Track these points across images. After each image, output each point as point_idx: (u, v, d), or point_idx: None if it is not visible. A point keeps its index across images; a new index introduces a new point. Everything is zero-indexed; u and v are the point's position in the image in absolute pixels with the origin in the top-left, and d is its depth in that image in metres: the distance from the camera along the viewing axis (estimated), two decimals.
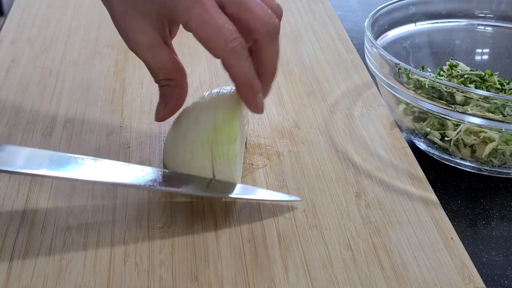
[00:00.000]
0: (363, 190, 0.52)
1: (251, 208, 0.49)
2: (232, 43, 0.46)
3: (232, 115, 0.49)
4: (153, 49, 0.49)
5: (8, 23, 0.78)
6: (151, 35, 0.49)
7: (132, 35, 0.49)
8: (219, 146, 0.48)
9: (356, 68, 0.70)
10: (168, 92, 0.50)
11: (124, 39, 0.50)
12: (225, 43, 0.45)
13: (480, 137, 0.55)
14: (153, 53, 0.49)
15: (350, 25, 0.85)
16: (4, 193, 0.50)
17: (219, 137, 0.48)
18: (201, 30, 0.46)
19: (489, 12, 0.69)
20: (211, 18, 0.45)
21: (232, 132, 0.49)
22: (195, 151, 0.49)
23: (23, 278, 0.43)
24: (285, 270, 0.44)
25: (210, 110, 0.50)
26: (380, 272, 0.44)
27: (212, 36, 0.45)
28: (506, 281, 0.47)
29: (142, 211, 0.49)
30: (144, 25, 0.48)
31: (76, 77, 0.66)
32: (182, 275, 0.44)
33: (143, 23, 0.48)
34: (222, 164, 0.49)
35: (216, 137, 0.48)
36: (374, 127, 0.60)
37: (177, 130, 0.51)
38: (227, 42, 0.45)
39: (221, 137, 0.48)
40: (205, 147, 0.49)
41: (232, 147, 0.48)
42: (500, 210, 0.54)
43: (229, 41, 0.45)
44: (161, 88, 0.51)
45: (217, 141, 0.48)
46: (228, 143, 0.48)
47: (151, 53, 0.49)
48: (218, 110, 0.50)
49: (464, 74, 0.62)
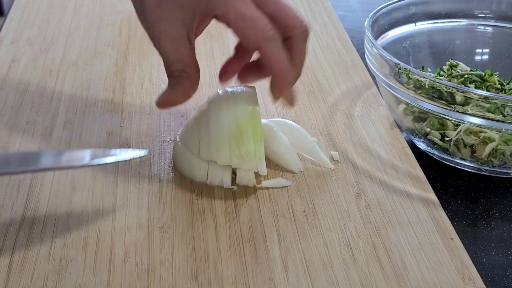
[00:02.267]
0: (363, 190, 0.52)
1: (251, 208, 0.49)
2: (269, 32, 0.48)
3: (254, 112, 0.50)
4: (176, 42, 0.49)
5: (8, 23, 0.78)
6: (178, 28, 0.49)
7: (159, 25, 0.49)
8: (245, 144, 0.49)
9: (356, 68, 0.70)
10: (179, 81, 0.50)
11: (149, 30, 0.50)
12: (262, 31, 0.47)
13: (480, 137, 0.55)
14: (174, 46, 0.49)
15: (350, 25, 0.85)
16: (4, 193, 0.50)
17: (244, 136, 0.49)
18: (239, 21, 0.47)
19: (489, 12, 0.69)
20: (248, 11, 0.47)
21: (257, 131, 0.50)
22: (221, 148, 0.50)
23: (23, 278, 0.43)
24: (285, 270, 0.44)
25: (230, 108, 0.51)
26: (380, 272, 0.44)
27: (249, 26, 0.47)
28: (506, 281, 0.47)
29: (142, 211, 0.49)
30: (174, 17, 0.49)
31: (76, 77, 0.66)
32: (182, 275, 0.44)
33: (173, 15, 0.49)
34: (248, 162, 0.50)
35: (241, 135, 0.49)
36: (374, 127, 0.60)
37: (198, 125, 0.51)
38: (264, 31, 0.47)
39: (247, 135, 0.49)
40: (232, 145, 0.50)
41: (259, 146, 0.49)
42: (500, 210, 0.54)
43: (266, 30, 0.47)
44: (172, 78, 0.51)
45: (243, 139, 0.49)
46: (254, 141, 0.49)
47: (172, 46, 0.49)
48: (237, 107, 0.50)
49: (464, 74, 0.62)
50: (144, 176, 0.52)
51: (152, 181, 0.52)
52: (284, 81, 0.49)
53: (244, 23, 0.47)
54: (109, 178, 0.52)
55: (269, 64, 0.48)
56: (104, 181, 0.52)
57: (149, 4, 0.49)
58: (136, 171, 0.53)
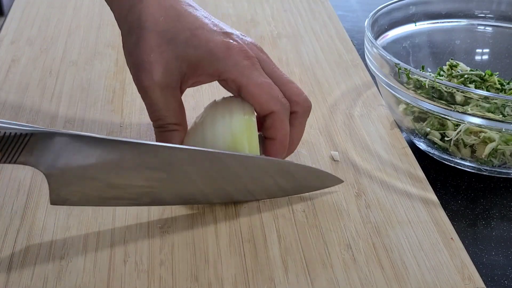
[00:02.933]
0: (363, 190, 0.52)
1: (251, 208, 0.49)
2: (282, 99, 0.48)
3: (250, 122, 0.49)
4: (167, 91, 0.48)
5: (8, 23, 0.78)
6: (173, 76, 0.47)
7: (153, 69, 0.47)
8: None
9: (356, 68, 0.70)
10: (170, 136, 0.49)
11: (138, 73, 0.48)
12: (277, 98, 0.48)
13: (480, 137, 0.55)
14: (166, 95, 0.48)
15: (350, 25, 0.85)
16: (4, 193, 0.50)
17: (239, 147, 0.48)
18: (254, 88, 0.47)
19: (489, 12, 0.69)
20: (261, 78, 0.47)
21: (252, 143, 0.48)
22: None
23: (23, 278, 0.43)
24: (285, 270, 0.44)
25: (226, 118, 0.49)
26: (380, 272, 0.44)
27: (266, 92, 0.47)
28: (506, 281, 0.47)
29: (142, 211, 0.49)
30: (171, 64, 0.47)
31: (76, 77, 0.66)
32: (182, 275, 0.44)
33: (171, 62, 0.47)
34: None
35: (236, 147, 0.48)
36: (374, 127, 0.60)
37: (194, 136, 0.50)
38: (279, 98, 0.48)
39: (242, 146, 0.48)
40: None
41: None
42: (500, 210, 0.54)
43: (280, 97, 0.48)
44: (165, 133, 0.49)
45: (238, 151, 0.48)
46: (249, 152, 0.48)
47: (164, 95, 0.48)
48: (233, 117, 0.49)
49: (464, 74, 0.62)
50: None
51: None
52: (282, 150, 0.49)
53: (260, 90, 0.47)
54: None
55: (276, 130, 0.48)
56: None
57: (147, 46, 0.47)
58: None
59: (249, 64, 0.47)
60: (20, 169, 0.52)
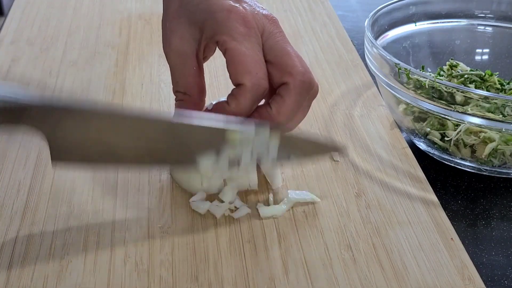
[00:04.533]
0: (363, 191, 0.52)
1: (251, 208, 0.49)
2: (262, 80, 0.46)
3: None
4: (183, 57, 0.49)
5: (8, 23, 0.78)
6: (188, 43, 0.49)
7: (171, 36, 0.49)
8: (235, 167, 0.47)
9: (356, 68, 0.70)
10: (181, 104, 0.50)
11: (163, 39, 0.50)
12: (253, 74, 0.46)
13: (480, 137, 0.55)
14: (182, 61, 0.49)
15: (350, 25, 0.85)
16: (4, 193, 0.50)
17: None
18: (234, 53, 0.46)
19: (489, 12, 0.69)
20: (249, 50, 0.46)
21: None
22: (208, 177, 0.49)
23: (23, 278, 0.43)
24: (285, 270, 0.44)
25: None
26: (380, 273, 0.44)
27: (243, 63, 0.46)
28: (506, 281, 0.47)
29: (142, 211, 0.49)
30: (186, 31, 0.48)
31: (76, 77, 0.66)
32: (182, 275, 0.44)
33: (185, 28, 0.48)
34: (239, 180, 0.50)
35: None
36: (374, 127, 0.60)
37: None
38: (257, 75, 0.46)
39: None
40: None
41: (253, 176, 0.49)
42: (500, 210, 0.54)
43: (259, 76, 0.46)
44: (176, 97, 0.51)
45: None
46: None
47: (180, 60, 0.49)
48: None
49: (464, 74, 0.62)
50: (144, 176, 0.52)
51: (152, 181, 0.52)
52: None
53: (239, 59, 0.46)
54: (109, 178, 0.52)
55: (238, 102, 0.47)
56: (104, 181, 0.52)
57: (170, 11, 0.49)
58: (136, 171, 0.53)
59: (244, 31, 0.47)
60: (20, 169, 0.52)
